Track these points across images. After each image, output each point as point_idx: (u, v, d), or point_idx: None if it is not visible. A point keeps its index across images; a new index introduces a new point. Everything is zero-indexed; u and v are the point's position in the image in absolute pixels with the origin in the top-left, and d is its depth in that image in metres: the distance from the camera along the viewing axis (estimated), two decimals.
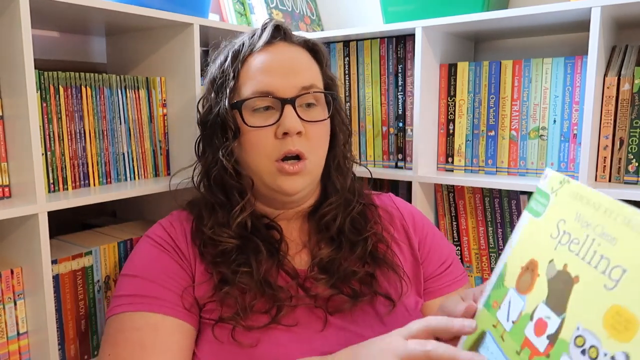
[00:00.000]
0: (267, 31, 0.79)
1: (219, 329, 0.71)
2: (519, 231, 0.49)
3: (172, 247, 0.76)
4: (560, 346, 0.39)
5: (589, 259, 0.39)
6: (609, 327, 0.36)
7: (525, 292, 0.45)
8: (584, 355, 0.37)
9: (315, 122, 0.76)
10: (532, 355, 0.41)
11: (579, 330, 0.38)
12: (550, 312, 0.41)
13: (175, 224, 0.80)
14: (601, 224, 0.39)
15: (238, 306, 0.71)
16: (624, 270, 0.36)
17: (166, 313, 0.70)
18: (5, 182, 0.81)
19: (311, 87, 0.77)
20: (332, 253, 0.77)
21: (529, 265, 0.45)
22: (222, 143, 0.78)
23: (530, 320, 0.43)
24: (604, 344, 0.36)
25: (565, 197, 0.44)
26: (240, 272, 0.72)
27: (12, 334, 0.81)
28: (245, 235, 0.77)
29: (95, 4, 0.85)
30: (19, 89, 0.77)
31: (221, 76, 0.79)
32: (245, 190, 0.79)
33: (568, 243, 0.42)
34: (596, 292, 0.38)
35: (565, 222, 0.43)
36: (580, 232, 0.41)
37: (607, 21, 0.96)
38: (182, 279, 0.74)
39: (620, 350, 0.35)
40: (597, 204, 0.40)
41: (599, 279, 0.38)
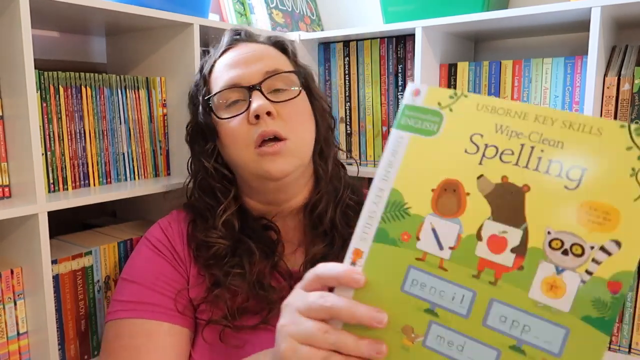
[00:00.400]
0: (226, 36, 0.84)
1: (208, 330, 0.73)
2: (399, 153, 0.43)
3: (169, 250, 0.78)
4: (534, 254, 0.38)
5: (534, 166, 0.39)
6: (586, 223, 0.37)
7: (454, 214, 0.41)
8: (566, 255, 0.37)
9: (286, 102, 0.76)
10: (499, 273, 0.39)
11: (552, 234, 0.38)
12: (504, 226, 0.39)
13: (174, 224, 0.81)
14: (536, 131, 0.39)
15: (227, 309, 0.72)
16: (582, 169, 0.37)
17: (160, 319, 0.72)
18: (5, 182, 0.81)
19: (276, 71, 0.77)
20: (324, 249, 0.77)
21: (445, 186, 0.42)
22: (203, 147, 0.81)
23: (479, 240, 0.40)
24: (587, 238, 0.37)
25: (468, 111, 0.42)
26: (233, 274, 0.73)
27: (12, 334, 0.81)
28: (236, 237, 0.77)
29: (95, 4, 0.85)
30: (19, 89, 0.77)
31: (195, 87, 0.84)
32: (229, 188, 0.80)
33: (497, 155, 0.40)
34: (556, 195, 0.38)
35: (483, 135, 0.41)
36: (510, 142, 0.40)
37: (607, 21, 0.96)
38: (177, 282, 0.75)
39: (609, 239, 0.36)
40: (521, 113, 0.40)
41: (555, 182, 0.38)
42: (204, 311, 0.74)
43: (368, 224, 0.44)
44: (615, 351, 1.01)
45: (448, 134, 0.43)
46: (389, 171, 0.44)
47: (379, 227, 0.43)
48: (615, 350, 1.01)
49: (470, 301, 0.40)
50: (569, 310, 0.37)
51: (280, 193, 0.80)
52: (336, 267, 0.44)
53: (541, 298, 0.38)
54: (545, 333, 0.38)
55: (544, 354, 0.38)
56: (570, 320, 0.37)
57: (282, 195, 0.80)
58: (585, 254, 0.37)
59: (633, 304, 0.99)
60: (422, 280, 0.42)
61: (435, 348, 0.41)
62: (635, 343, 0.99)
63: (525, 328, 0.38)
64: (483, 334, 0.40)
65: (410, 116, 0.44)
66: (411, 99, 0.44)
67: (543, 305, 0.38)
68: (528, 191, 0.39)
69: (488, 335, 0.40)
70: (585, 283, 0.37)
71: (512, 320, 0.39)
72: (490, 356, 0.40)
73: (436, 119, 0.43)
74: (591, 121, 0.37)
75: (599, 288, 0.37)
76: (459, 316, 0.40)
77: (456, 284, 0.41)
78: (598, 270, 0.37)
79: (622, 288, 0.36)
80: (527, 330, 0.38)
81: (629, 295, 0.99)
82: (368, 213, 0.44)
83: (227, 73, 0.78)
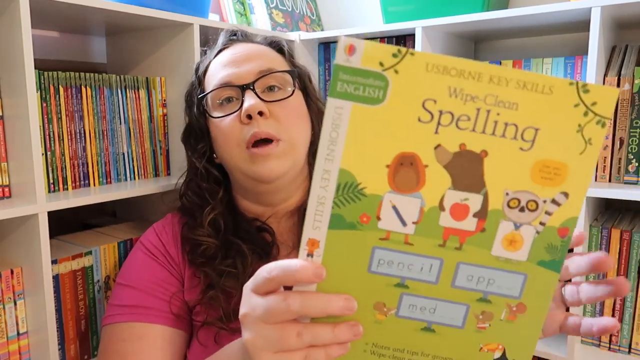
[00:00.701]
0: (222, 36, 0.84)
1: (203, 332, 0.73)
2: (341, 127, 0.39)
3: (163, 254, 0.78)
4: (494, 216, 0.40)
5: (491, 130, 0.38)
6: (539, 180, 0.39)
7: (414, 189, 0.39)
8: (523, 212, 0.40)
9: (279, 102, 0.75)
10: (463, 238, 0.40)
11: (510, 195, 0.39)
12: (465, 193, 0.39)
13: (168, 228, 0.81)
14: (492, 93, 0.38)
15: (222, 311, 0.71)
16: (536, 129, 0.38)
17: (153, 321, 0.72)
18: (5, 182, 0.81)
19: (269, 70, 0.77)
20: None
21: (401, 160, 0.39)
22: (195, 148, 0.81)
23: (442, 210, 0.40)
24: (540, 194, 0.39)
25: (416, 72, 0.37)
26: (226, 275, 0.73)
27: (12, 334, 0.81)
28: (227, 238, 0.77)
29: (95, 4, 0.85)
30: (19, 89, 0.77)
31: (190, 88, 0.84)
32: (217, 191, 0.80)
33: (453, 122, 0.38)
34: (513, 157, 0.39)
35: (437, 101, 0.38)
36: (466, 107, 0.38)
37: (607, 21, 0.96)
38: (172, 285, 0.76)
39: (558, 191, 0.39)
40: (475, 74, 0.37)
41: (511, 144, 0.38)
42: (199, 313, 0.74)
43: (319, 211, 0.40)
44: (615, 351, 1.01)
45: (396, 101, 0.38)
46: (333, 149, 0.39)
47: (333, 213, 0.40)
48: (615, 350, 1.01)
49: (438, 268, 0.41)
50: (526, 259, 0.41)
51: (274, 195, 0.79)
52: (290, 264, 0.40)
53: (502, 253, 0.41)
54: (507, 282, 0.42)
55: (506, 299, 0.42)
56: (527, 267, 0.41)
57: (277, 197, 0.80)
58: (539, 208, 0.40)
59: (633, 304, 0.99)
60: (388, 259, 0.41)
61: (408, 316, 0.42)
62: (635, 343, 0.99)
63: (490, 281, 0.42)
64: (452, 295, 0.42)
65: (347, 81, 0.38)
66: (344, 58, 0.38)
67: (504, 259, 0.41)
68: (486, 156, 0.39)
69: (457, 295, 0.42)
70: (539, 233, 0.40)
71: (478, 277, 0.42)
72: (460, 311, 0.43)
73: (380, 84, 0.38)
74: (543, 80, 0.37)
75: (551, 235, 0.40)
76: (428, 284, 0.42)
77: (423, 255, 0.41)
78: (550, 220, 0.40)
79: (569, 232, 0.40)
80: (492, 283, 0.42)
81: (629, 295, 0.99)
82: (317, 199, 0.40)
83: (220, 72, 0.78)
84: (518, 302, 0.42)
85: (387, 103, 0.38)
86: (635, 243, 0.97)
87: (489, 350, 0.44)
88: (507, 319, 0.43)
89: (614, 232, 0.99)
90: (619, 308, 1.00)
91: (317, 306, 0.39)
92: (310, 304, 0.39)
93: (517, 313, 0.42)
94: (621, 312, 1.00)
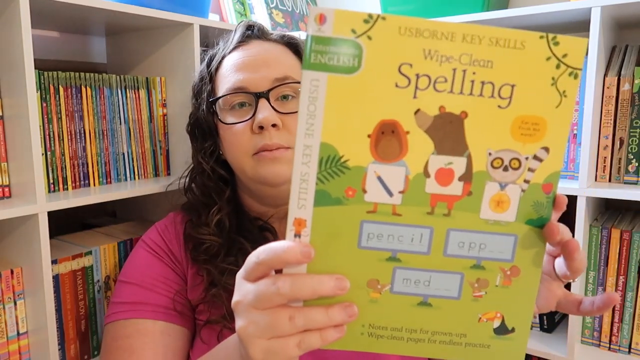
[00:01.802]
0: (238, 31, 0.81)
1: (206, 331, 0.72)
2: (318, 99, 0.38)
3: (165, 252, 0.78)
4: (479, 178, 0.39)
5: (469, 90, 0.38)
6: (520, 137, 0.39)
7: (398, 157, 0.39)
8: (507, 171, 0.40)
9: (293, 114, 0.74)
10: (451, 204, 0.40)
11: (492, 155, 0.39)
12: (449, 157, 0.39)
13: (170, 227, 0.81)
14: (466, 52, 0.37)
15: (225, 309, 0.71)
16: (512, 85, 0.38)
17: (157, 318, 0.72)
18: (5, 182, 0.81)
19: (285, 79, 0.75)
20: None
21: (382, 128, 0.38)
22: (202, 146, 0.80)
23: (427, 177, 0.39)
24: (522, 151, 0.39)
25: (390, 37, 0.37)
26: (228, 273, 0.73)
27: (12, 334, 0.81)
28: (230, 236, 0.77)
29: (95, 4, 0.85)
30: (19, 89, 0.77)
31: (199, 82, 0.81)
32: (224, 191, 0.80)
33: (431, 85, 0.38)
34: (492, 116, 0.38)
35: (412, 65, 0.37)
36: (442, 68, 0.38)
37: (607, 21, 0.96)
38: (175, 283, 0.75)
39: (539, 147, 0.39)
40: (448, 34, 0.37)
41: (489, 103, 0.38)
42: (202, 312, 0.74)
43: (303, 189, 0.39)
44: (616, 351, 1.01)
45: (372, 68, 0.37)
46: (312, 123, 0.38)
47: (317, 190, 0.39)
48: (616, 350, 1.01)
49: (429, 238, 0.41)
50: (514, 220, 0.41)
51: (278, 197, 0.79)
52: (277, 245, 0.39)
53: (491, 216, 0.40)
54: (499, 245, 0.41)
55: (500, 263, 0.42)
56: (516, 227, 0.41)
57: (280, 199, 0.80)
58: (522, 166, 0.39)
59: (633, 304, 0.99)
60: (378, 232, 0.40)
61: (403, 291, 0.42)
62: (635, 343, 0.99)
63: (482, 246, 0.41)
64: (446, 264, 0.41)
65: (321, 51, 0.37)
66: (316, 28, 0.37)
67: (493, 222, 0.41)
68: (466, 117, 0.39)
69: (450, 263, 0.41)
70: (524, 192, 0.40)
71: (469, 243, 0.41)
72: (455, 281, 0.42)
73: (355, 52, 0.37)
74: (515, 35, 0.37)
75: (536, 192, 0.40)
76: (420, 255, 0.41)
77: (412, 225, 0.40)
78: (533, 177, 0.40)
79: (553, 187, 0.40)
80: (483, 248, 0.41)
81: (629, 295, 0.99)
82: (300, 176, 0.39)
83: (234, 75, 0.76)
84: (511, 265, 0.42)
85: (363, 71, 0.37)
86: (635, 243, 0.97)
87: (487, 320, 0.43)
88: (503, 284, 0.42)
89: (614, 232, 0.99)
90: (619, 308, 1.00)
91: (307, 288, 0.38)
92: (301, 285, 0.38)
93: (512, 277, 0.42)
94: (621, 312, 1.00)
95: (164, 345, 0.71)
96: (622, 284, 0.99)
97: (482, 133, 0.39)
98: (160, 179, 1.04)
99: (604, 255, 1.00)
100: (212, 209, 0.78)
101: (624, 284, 0.99)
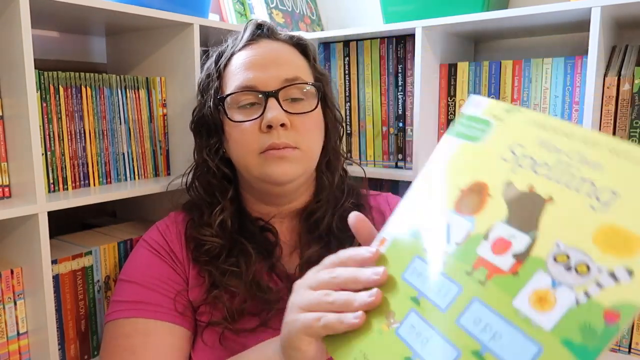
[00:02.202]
0: (248, 29, 0.80)
1: (208, 333, 0.72)
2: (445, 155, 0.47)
3: (167, 252, 0.77)
4: (534, 263, 0.37)
5: (566, 181, 0.38)
6: (602, 244, 0.34)
7: (472, 213, 0.42)
8: (569, 271, 0.35)
9: (302, 114, 0.75)
10: (491, 274, 0.38)
11: (560, 248, 0.36)
12: (515, 230, 0.39)
13: (171, 226, 0.81)
14: (579, 151, 0.38)
15: (227, 311, 0.71)
16: (614, 192, 0.36)
17: (158, 318, 0.71)
18: (5, 182, 0.81)
19: (295, 80, 0.75)
20: (320, 252, 0.77)
21: (474, 187, 0.43)
22: (207, 142, 0.79)
23: (485, 239, 0.40)
24: (596, 259, 0.34)
25: (518, 124, 0.43)
26: (229, 274, 0.73)
27: (12, 334, 0.81)
28: (232, 237, 0.77)
29: (95, 4, 0.85)
30: (19, 89, 0.77)
31: (207, 78, 0.81)
32: (227, 189, 0.79)
33: (532, 167, 0.40)
34: (579, 212, 0.36)
35: (525, 146, 0.42)
36: (549, 156, 0.40)
37: (607, 21, 0.96)
38: (176, 283, 0.75)
39: (620, 265, 0.33)
40: (569, 132, 0.40)
41: (581, 199, 0.37)
42: (203, 313, 0.74)
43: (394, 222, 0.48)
44: (616, 351, 1.01)
45: (491, 141, 0.44)
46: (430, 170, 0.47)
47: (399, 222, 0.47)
48: (615, 350, 1.01)
49: (453, 296, 0.40)
50: (550, 329, 0.34)
51: (281, 197, 0.79)
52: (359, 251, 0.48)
53: (525, 308, 0.36)
54: (515, 345, 0.35)
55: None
56: (547, 339, 0.34)
57: (283, 199, 0.80)
58: (590, 274, 0.34)
59: None
60: (420, 270, 0.43)
61: (403, 337, 0.42)
62: (635, 343, 0.99)
63: (496, 335, 0.36)
64: (452, 331, 0.39)
65: (467, 125, 0.47)
66: (471, 109, 0.47)
67: (524, 317, 0.35)
68: (550, 202, 0.38)
69: (456, 334, 0.38)
70: (579, 304, 0.34)
71: (486, 323, 0.37)
72: (449, 356, 0.38)
73: (485, 127, 0.45)
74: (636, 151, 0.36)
75: (593, 313, 0.33)
76: (437, 308, 0.41)
77: (447, 276, 0.41)
78: (599, 294, 0.33)
79: (619, 320, 0.32)
80: (497, 338, 0.36)
81: None
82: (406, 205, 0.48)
83: (244, 73, 0.75)
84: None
85: (484, 142, 0.45)
86: None
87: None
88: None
89: None
90: None
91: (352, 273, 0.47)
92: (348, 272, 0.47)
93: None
94: None
95: (165, 345, 0.71)
96: None
97: (560, 222, 0.37)
98: (160, 179, 1.04)
99: None
100: (215, 209, 0.78)
101: None
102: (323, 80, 0.82)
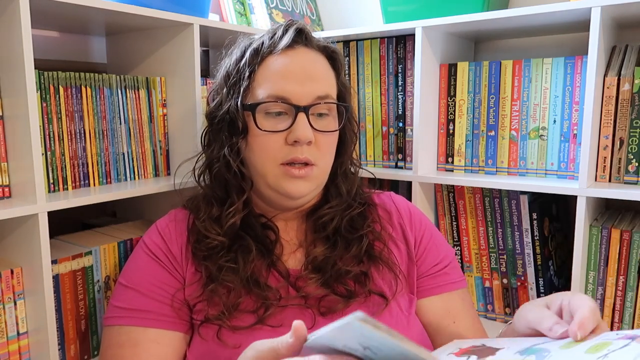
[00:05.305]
0: (289, 34, 0.78)
1: (205, 327, 0.73)
2: None
3: (165, 254, 0.77)
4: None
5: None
6: None
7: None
8: None
9: (326, 133, 0.77)
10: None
11: None
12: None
13: (171, 224, 0.81)
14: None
15: (223, 305, 0.72)
16: None
17: (150, 325, 0.73)
18: (5, 182, 0.81)
19: (326, 97, 0.76)
20: (326, 251, 0.77)
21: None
22: (229, 140, 0.78)
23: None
24: None
25: None
26: (226, 269, 0.73)
27: (12, 334, 0.81)
28: (236, 234, 0.77)
29: (95, 4, 0.85)
30: (19, 89, 0.77)
31: (236, 74, 0.78)
32: (243, 190, 0.79)
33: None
34: None
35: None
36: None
37: (607, 21, 0.96)
38: (172, 287, 0.75)
39: None
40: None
41: None
42: (200, 311, 0.74)
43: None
44: None
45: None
46: None
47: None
48: None
49: None
50: None
51: (290, 206, 0.80)
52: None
53: None
54: None
55: None
56: None
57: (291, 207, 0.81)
58: None
59: (633, 304, 0.99)
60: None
61: None
62: None
63: None
64: None
65: None
66: None
67: None
68: None
69: None
70: None
71: None
72: None
73: None
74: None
75: None
76: None
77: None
78: None
79: None
80: None
81: (629, 295, 0.99)
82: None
83: (279, 82, 0.75)
84: None
85: None
86: (635, 243, 0.97)
87: None
88: None
89: (614, 232, 0.99)
90: (619, 308, 1.00)
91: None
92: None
93: None
94: (621, 312, 1.00)
95: (157, 355, 0.72)
96: (622, 284, 0.99)
97: None
98: (160, 179, 1.04)
99: (604, 255, 1.00)
100: (229, 210, 0.77)
101: (623, 284, 0.99)
102: (346, 93, 0.83)
